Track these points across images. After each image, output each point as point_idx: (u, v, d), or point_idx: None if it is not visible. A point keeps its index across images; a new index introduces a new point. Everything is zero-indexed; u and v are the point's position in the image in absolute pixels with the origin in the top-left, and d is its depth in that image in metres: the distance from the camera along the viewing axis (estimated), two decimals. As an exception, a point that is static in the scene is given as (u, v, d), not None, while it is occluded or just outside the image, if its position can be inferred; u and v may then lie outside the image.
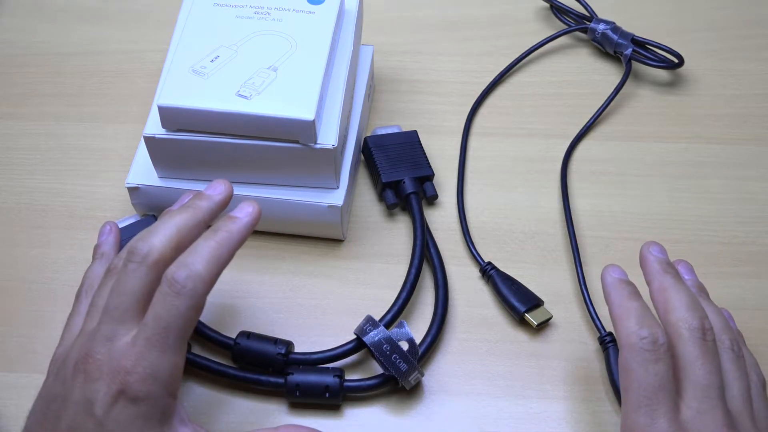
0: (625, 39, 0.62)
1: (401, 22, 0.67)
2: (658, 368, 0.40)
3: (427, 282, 0.54)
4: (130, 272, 0.41)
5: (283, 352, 0.49)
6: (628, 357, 0.41)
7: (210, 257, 0.41)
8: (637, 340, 0.41)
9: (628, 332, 0.42)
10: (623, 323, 0.42)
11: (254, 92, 0.49)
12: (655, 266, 0.46)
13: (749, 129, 0.61)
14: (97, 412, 0.39)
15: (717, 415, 0.40)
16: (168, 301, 0.39)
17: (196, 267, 0.40)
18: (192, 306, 0.40)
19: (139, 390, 0.38)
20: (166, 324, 0.39)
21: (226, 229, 0.42)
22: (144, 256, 0.41)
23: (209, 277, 0.40)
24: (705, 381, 0.41)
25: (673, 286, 0.44)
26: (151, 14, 0.67)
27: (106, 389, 0.39)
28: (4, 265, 0.54)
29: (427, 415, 0.49)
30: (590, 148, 0.60)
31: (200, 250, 0.41)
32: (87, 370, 0.39)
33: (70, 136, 0.60)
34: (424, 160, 0.57)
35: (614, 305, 0.44)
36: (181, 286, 0.39)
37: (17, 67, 0.64)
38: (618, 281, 0.45)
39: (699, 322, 0.42)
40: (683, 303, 0.43)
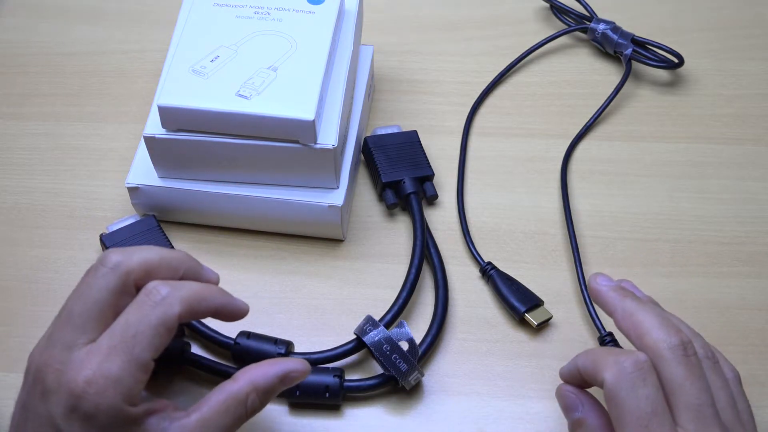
0: (625, 39, 0.62)
1: (401, 22, 0.67)
2: (648, 391, 0.39)
3: (427, 282, 0.54)
4: (99, 277, 0.40)
5: (283, 352, 0.49)
6: (615, 387, 0.39)
7: (198, 294, 0.40)
8: (619, 370, 0.39)
9: (609, 367, 0.40)
10: (599, 365, 0.40)
11: (254, 92, 0.49)
12: (611, 295, 0.44)
13: (749, 129, 0.61)
14: (58, 424, 0.38)
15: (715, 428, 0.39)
16: (142, 309, 0.39)
17: (181, 291, 0.40)
18: (165, 321, 0.39)
19: (97, 403, 0.37)
20: (135, 332, 0.38)
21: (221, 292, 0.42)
22: (116, 264, 0.40)
23: (189, 305, 0.40)
24: (697, 400, 0.39)
25: (638, 309, 0.42)
26: (151, 14, 0.67)
27: (64, 403, 0.38)
28: (4, 265, 0.54)
29: (427, 415, 0.49)
30: (590, 148, 0.60)
31: (192, 284, 0.41)
32: (45, 381, 0.38)
33: (70, 136, 0.60)
34: (424, 160, 0.57)
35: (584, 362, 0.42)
36: (160, 297, 0.39)
37: (17, 67, 0.64)
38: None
39: (677, 339, 0.41)
40: (654, 323, 0.41)
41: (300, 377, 0.42)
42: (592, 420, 0.42)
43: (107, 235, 0.53)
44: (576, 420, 0.42)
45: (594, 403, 0.42)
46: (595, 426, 0.42)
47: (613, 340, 0.50)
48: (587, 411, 0.42)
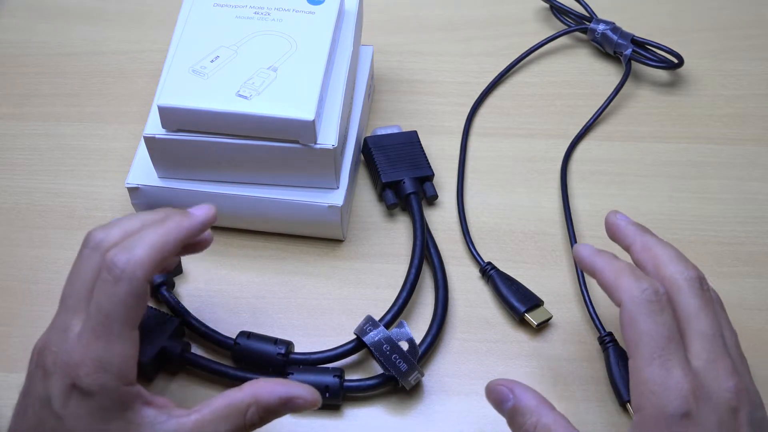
0: (624, 39, 0.62)
1: (401, 22, 0.67)
2: (665, 318, 0.40)
3: (427, 282, 0.54)
4: (84, 258, 0.41)
5: (283, 352, 0.49)
6: (633, 311, 0.40)
7: (153, 243, 0.40)
8: (639, 293, 0.40)
9: (629, 287, 0.41)
10: (620, 281, 0.41)
11: (254, 92, 0.49)
12: (630, 228, 0.45)
13: (749, 129, 0.61)
14: (55, 407, 0.39)
15: (726, 363, 0.40)
16: (107, 288, 0.39)
17: (136, 252, 0.39)
18: (131, 292, 0.39)
19: (91, 384, 0.38)
20: (107, 312, 0.39)
21: (175, 220, 0.41)
22: (98, 242, 0.40)
23: (149, 263, 0.39)
24: (711, 331, 0.41)
25: (656, 243, 0.44)
26: (151, 14, 0.67)
27: (60, 384, 0.38)
28: (4, 265, 0.54)
29: (427, 415, 0.49)
30: (590, 148, 0.60)
31: (144, 235, 0.40)
32: (44, 365, 0.39)
33: (70, 136, 0.60)
34: (424, 160, 0.57)
35: (604, 270, 0.43)
36: (120, 270, 0.39)
37: (17, 67, 0.64)
38: (596, 251, 0.44)
39: (695, 273, 0.42)
40: (672, 256, 0.43)
41: (306, 406, 0.41)
42: (526, 401, 0.42)
43: (107, 235, 0.53)
44: (511, 409, 0.42)
45: (523, 386, 0.42)
46: (531, 406, 0.41)
47: (613, 341, 0.50)
48: (519, 395, 0.42)
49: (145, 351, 0.48)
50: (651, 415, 0.39)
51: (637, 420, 0.40)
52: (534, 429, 0.41)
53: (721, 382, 0.39)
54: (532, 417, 0.41)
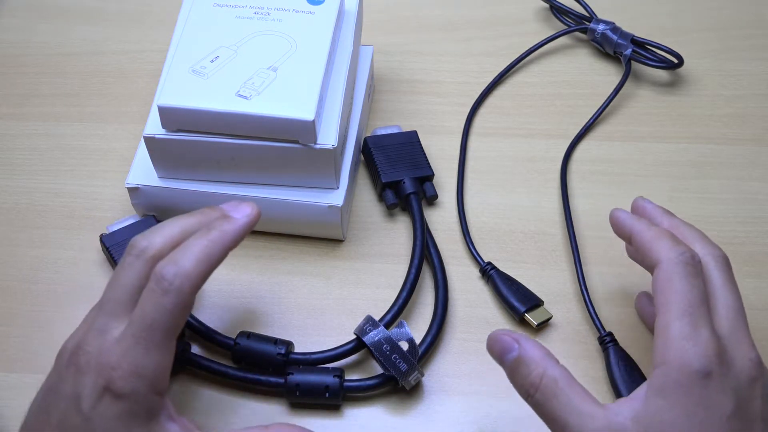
0: (624, 39, 0.62)
1: (401, 22, 0.67)
2: (698, 282, 0.41)
3: (427, 282, 0.54)
4: (127, 266, 0.41)
5: (283, 352, 0.49)
6: (669, 270, 0.41)
7: (200, 255, 0.40)
8: (677, 255, 0.42)
9: (668, 249, 0.42)
10: (660, 242, 0.43)
11: (254, 92, 0.49)
12: (658, 210, 0.47)
13: (749, 129, 0.61)
14: (83, 407, 0.39)
15: (748, 337, 0.42)
16: (154, 298, 0.39)
17: (185, 265, 0.40)
18: (178, 304, 0.39)
19: (123, 387, 0.38)
20: (152, 321, 0.39)
21: (220, 228, 0.42)
22: (142, 250, 0.41)
23: (197, 276, 0.40)
24: (735, 303, 0.42)
25: (683, 224, 0.46)
26: (151, 14, 0.67)
27: (93, 384, 0.39)
28: (4, 265, 0.54)
29: (427, 415, 0.49)
30: (590, 148, 0.60)
31: (191, 247, 0.41)
32: (78, 363, 0.40)
33: (70, 136, 0.60)
34: (424, 160, 0.57)
35: (642, 232, 0.44)
36: (168, 283, 0.39)
37: (17, 67, 0.64)
38: (633, 215, 0.46)
39: (721, 252, 0.44)
40: (700, 237, 0.45)
41: None
42: (532, 352, 0.41)
43: (107, 235, 0.53)
44: (515, 359, 0.41)
45: (529, 338, 0.42)
46: (537, 357, 0.41)
47: (613, 341, 0.50)
48: (525, 345, 0.41)
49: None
50: (674, 368, 0.39)
51: (658, 374, 0.40)
52: (540, 380, 0.40)
53: (744, 352, 0.41)
54: (538, 368, 0.41)
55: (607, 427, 0.39)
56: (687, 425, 0.38)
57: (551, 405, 0.40)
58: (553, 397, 0.40)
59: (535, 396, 0.41)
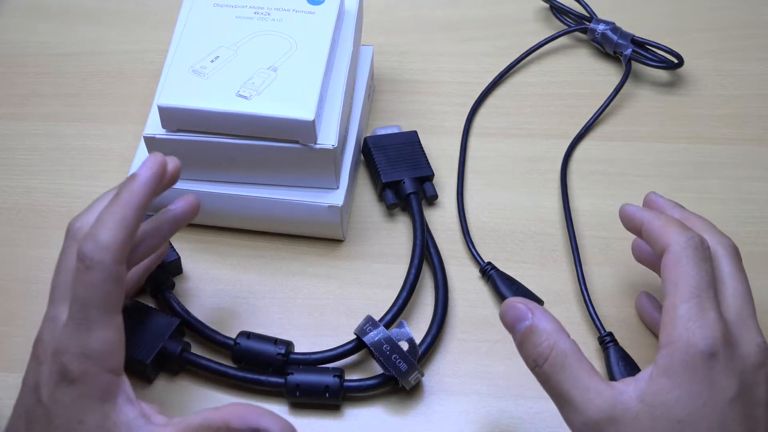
0: (624, 39, 0.62)
1: (401, 22, 0.67)
2: (707, 267, 0.42)
3: (427, 282, 0.54)
4: (65, 249, 0.42)
5: (283, 352, 0.49)
6: (679, 253, 0.42)
7: (113, 223, 0.40)
8: (687, 240, 0.42)
9: (677, 234, 0.42)
10: (669, 228, 0.43)
11: (254, 92, 0.49)
12: (669, 203, 0.48)
13: (749, 129, 0.61)
14: (42, 396, 0.39)
15: (755, 323, 0.42)
16: (81, 277, 0.39)
17: (102, 237, 0.39)
18: (105, 278, 0.39)
19: (74, 370, 0.39)
20: (84, 300, 0.39)
21: (126, 190, 0.41)
22: (75, 231, 0.41)
23: (117, 245, 0.39)
24: (744, 291, 0.43)
25: (695, 216, 0.46)
26: (151, 14, 0.67)
27: (48, 372, 0.39)
28: (4, 265, 0.54)
29: (427, 415, 0.49)
30: (590, 148, 0.60)
31: (102, 218, 0.40)
32: (37, 354, 0.41)
33: (70, 136, 0.60)
34: (424, 160, 0.57)
35: (652, 221, 0.44)
36: (89, 259, 0.39)
37: (17, 67, 0.64)
38: (642, 208, 0.46)
39: (732, 243, 0.45)
40: (711, 227, 0.45)
41: None
42: (545, 324, 0.41)
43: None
44: (527, 328, 0.41)
45: (544, 310, 0.42)
46: (549, 329, 0.41)
47: (613, 340, 0.50)
48: (538, 316, 0.41)
49: (145, 351, 0.48)
50: (680, 349, 0.39)
51: (664, 354, 0.40)
52: (550, 351, 0.40)
53: (751, 337, 0.41)
54: (549, 339, 0.41)
55: (612, 405, 0.39)
56: (690, 405, 0.39)
57: (558, 378, 0.40)
58: (560, 370, 0.40)
59: (543, 367, 0.41)
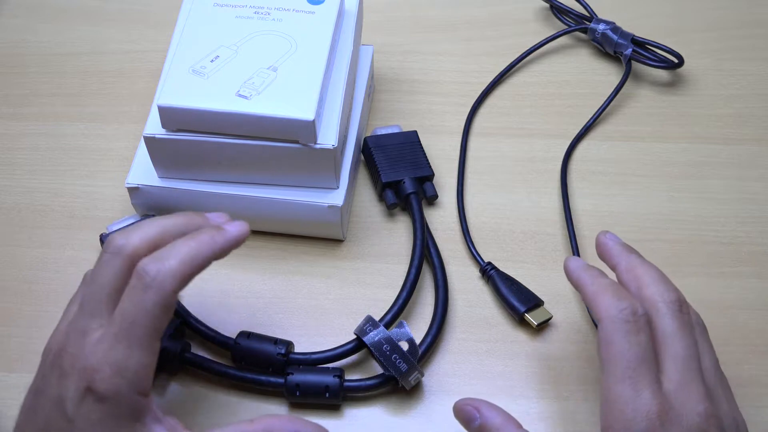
0: (625, 39, 0.62)
1: (401, 22, 0.67)
2: (640, 339, 0.40)
3: (427, 282, 0.54)
4: (104, 263, 0.41)
5: (283, 352, 0.49)
6: (609, 329, 0.41)
7: (185, 257, 0.40)
8: (617, 312, 0.41)
9: (607, 306, 0.41)
10: (601, 298, 0.42)
11: (254, 92, 0.49)
12: (617, 248, 0.46)
13: (749, 129, 0.61)
14: (68, 409, 0.39)
15: (698, 388, 0.40)
16: (135, 295, 0.39)
17: (169, 262, 0.39)
18: (159, 302, 0.39)
19: (106, 389, 0.38)
20: (133, 319, 0.39)
21: (210, 234, 0.41)
22: (119, 247, 0.40)
23: (181, 276, 0.39)
24: (685, 353, 0.41)
25: (641, 264, 0.44)
26: (151, 14, 0.67)
27: (76, 386, 0.38)
28: (4, 265, 0.54)
29: (427, 415, 0.49)
30: (590, 148, 0.60)
31: (177, 247, 0.40)
32: (61, 366, 0.39)
33: (70, 136, 0.60)
34: (424, 160, 0.57)
35: (587, 285, 0.43)
36: (150, 278, 0.39)
37: (17, 67, 0.64)
38: (584, 265, 0.45)
39: (675, 295, 0.42)
40: (655, 278, 0.43)
41: None
42: (492, 419, 0.42)
43: (107, 235, 0.53)
44: (478, 427, 0.43)
45: (489, 405, 0.43)
46: (497, 424, 0.42)
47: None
48: (485, 415, 0.43)
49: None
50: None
51: None
52: None
53: (691, 406, 0.40)
54: None
55: None
56: None
57: None
58: None
59: None
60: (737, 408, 0.42)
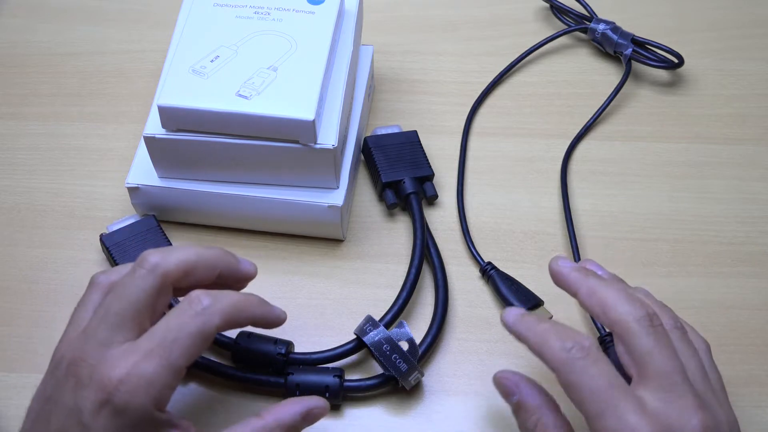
0: (625, 39, 0.62)
1: (401, 22, 0.67)
2: (600, 368, 0.39)
3: (427, 282, 0.54)
4: (137, 278, 0.41)
5: (283, 352, 0.49)
6: (565, 373, 0.39)
7: (238, 304, 0.41)
8: (566, 354, 0.40)
9: (554, 352, 0.40)
10: (545, 348, 0.40)
11: (254, 92, 0.49)
12: (573, 275, 0.44)
13: (749, 129, 0.61)
14: (84, 420, 0.38)
15: (689, 400, 0.39)
16: (184, 316, 0.40)
17: (224, 302, 0.41)
18: (202, 332, 0.40)
19: (128, 402, 0.38)
20: (174, 338, 0.39)
21: (260, 303, 0.43)
22: (155, 265, 0.41)
23: (229, 317, 0.41)
24: (666, 367, 0.40)
25: (600, 287, 0.42)
26: (151, 14, 0.67)
27: (94, 397, 0.38)
28: (4, 265, 0.54)
29: (427, 415, 0.49)
30: (590, 148, 0.60)
31: (233, 296, 0.41)
32: (78, 375, 0.39)
33: (70, 136, 0.60)
34: (424, 160, 0.57)
35: (530, 338, 0.42)
36: (202, 307, 0.40)
37: (17, 67, 0.64)
38: (519, 316, 0.43)
39: (642, 311, 0.41)
40: (618, 298, 0.41)
41: (321, 413, 0.43)
42: (530, 400, 0.42)
43: (107, 235, 0.53)
44: (515, 404, 0.43)
45: (530, 384, 0.43)
46: (534, 406, 0.42)
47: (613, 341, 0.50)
48: (524, 393, 0.43)
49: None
50: None
51: None
52: (535, 428, 0.42)
53: (685, 420, 0.38)
54: (534, 415, 0.42)
55: None
56: None
57: None
58: None
59: None
60: (730, 408, 0.41)
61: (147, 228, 0.53)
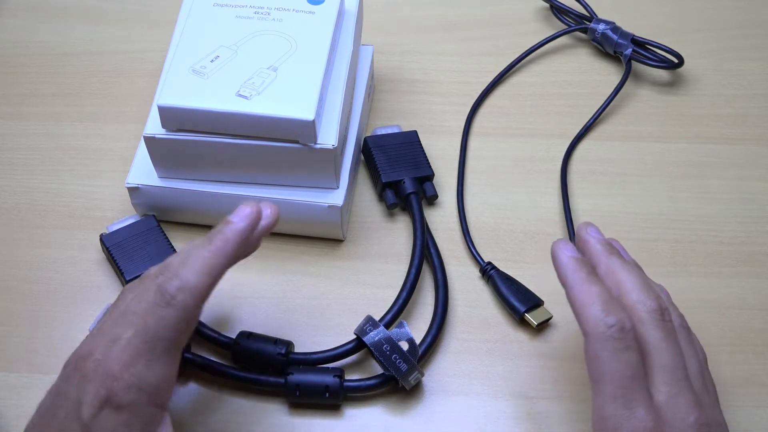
0: (625, 39, 0.62)
1: (401, 22, 0.67)
2: (630, 356, 0.39)
3: (427, 282, 0.54)
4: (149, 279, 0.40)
5: (283, 352, 0.49)
6: (597, 347, 0.40)
7: (203, 267, 0.40)
8: (605, 329, 0.39)
9: (595, 320, 0.40)
10: (587, 310, 0.40)
11: (254, 92, 0.49)
12: (598, 248, 0.44)
13: (749, 129, 0.61)
14: (83, 414, 0.38)
15: (688, 398, 0.40)
16: (157, 311, 0.39)
17: (188, 278, 0.39)
18: (183, 318, 0.39)
19: (123, 398, 0.38)
20: (154, 334, 0.39)
21: (221, 236, 0.41)
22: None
23: (202, 289, 0.39)
24: (672, 363, 0.40)
25: (622, 268, 0.43)
26: (151, 14, 0.67)
27: (95, 392, 0.38)
28: (4, 265, 0.54)
29: (427, 415, 0.49)
30: (590, 148, 0.60)
31: (193, 260, 0.40)
32: (84, 369, 0.39)
33: (70, 136, 0.60)
34: (424, 160, 0.57)
35: (574, 289, 0.41)
36: (170, 296, 0.39)
37: (17, 67, 0.64)
38: (573, 261, 0.42)
39: (656, 303, 0.41)
40: (636, 285, 0.42)
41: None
42: None
43: (107, 235, 0.53)
44: None
45: None
46: None
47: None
48: None
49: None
50: None
51: None
52: None
53: (682, 417, 0.39)
54: None
55: None
56: None
57: None
58: None
59: None
60: (719, 409, 0.42)
61: (147, 228, 0.53)
